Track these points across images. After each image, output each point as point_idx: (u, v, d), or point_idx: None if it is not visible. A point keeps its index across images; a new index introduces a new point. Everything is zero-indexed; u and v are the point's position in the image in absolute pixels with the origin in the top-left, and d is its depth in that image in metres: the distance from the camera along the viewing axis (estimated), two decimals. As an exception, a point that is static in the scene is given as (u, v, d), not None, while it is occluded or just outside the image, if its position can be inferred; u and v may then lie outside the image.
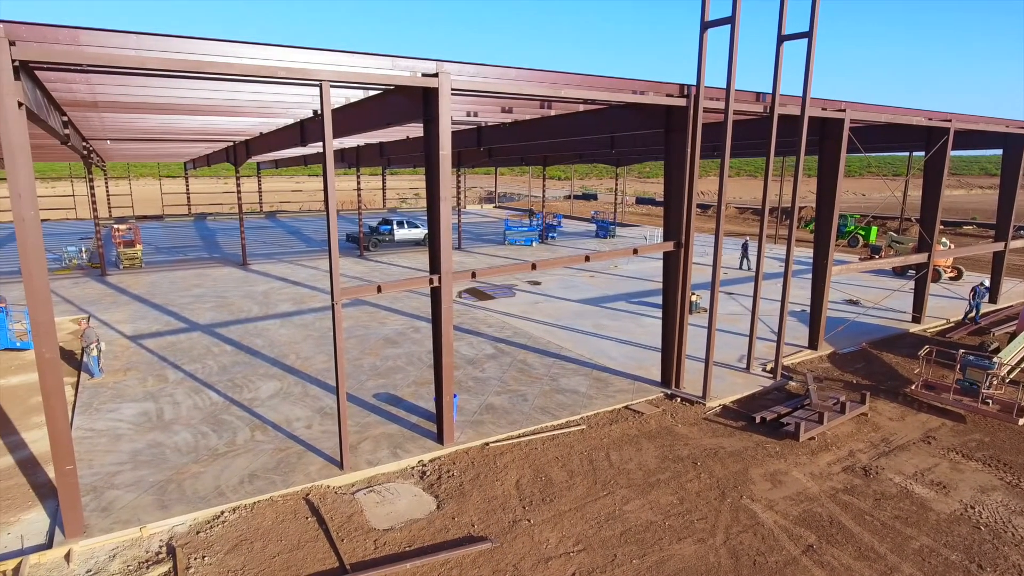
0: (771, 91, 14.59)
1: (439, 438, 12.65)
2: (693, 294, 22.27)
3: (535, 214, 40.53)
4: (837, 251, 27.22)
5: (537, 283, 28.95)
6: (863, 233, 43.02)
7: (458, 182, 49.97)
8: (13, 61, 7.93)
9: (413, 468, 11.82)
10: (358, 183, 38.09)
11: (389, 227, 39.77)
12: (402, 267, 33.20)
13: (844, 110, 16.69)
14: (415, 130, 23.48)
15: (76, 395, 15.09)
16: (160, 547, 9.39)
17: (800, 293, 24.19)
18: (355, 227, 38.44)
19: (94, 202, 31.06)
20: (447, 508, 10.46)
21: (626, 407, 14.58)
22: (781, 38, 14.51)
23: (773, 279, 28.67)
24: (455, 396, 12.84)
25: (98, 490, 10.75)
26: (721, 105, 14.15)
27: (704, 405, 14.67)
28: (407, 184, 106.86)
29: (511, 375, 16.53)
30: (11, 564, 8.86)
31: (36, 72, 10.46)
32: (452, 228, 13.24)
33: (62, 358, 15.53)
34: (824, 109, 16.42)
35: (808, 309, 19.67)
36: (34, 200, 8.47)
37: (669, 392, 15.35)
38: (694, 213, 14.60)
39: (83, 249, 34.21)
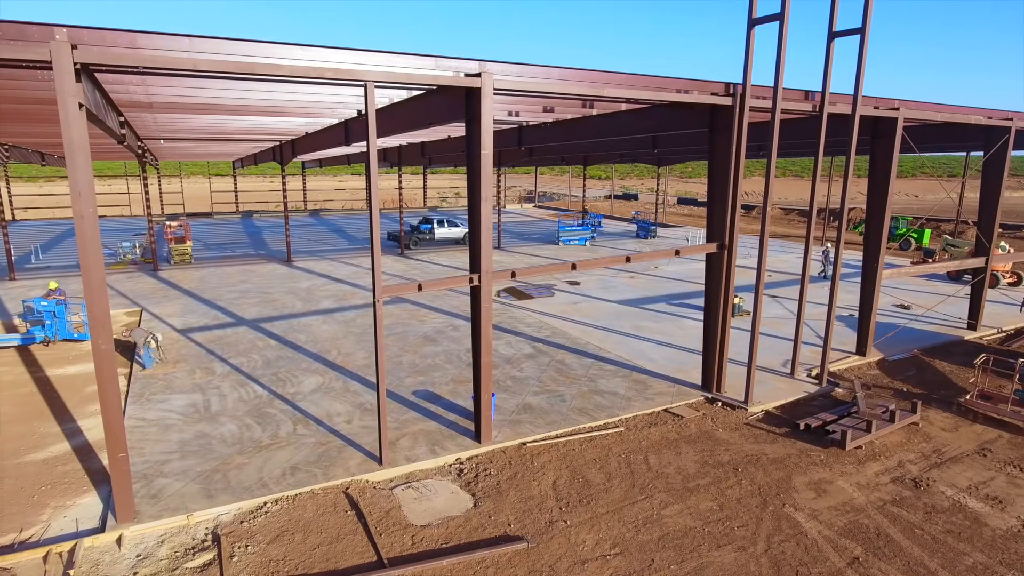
0: (820, 89, 14.21)
1: (477, 436, 12.71)
2: (736, 296, 21.84)
3: (588, 213, 40.30)
4: (888, 254, 26.36)
5: (576, 283, 28.83)
6: (916, 236, 41.52)
7: (498, 181, 50.13)
8: (75, 64, 8.26)
9: (451, 465, 11.90)
10: (399, 182, 38.55)
11: (429, 226, 40.16)
12: (442, 265, 33.46)
13: (897, 108, 16.14)
14: (456, 129, 23.64)
15: (129, 385, 15.66)
16: (206, 535, 9.66)
17: (848, 297, 23.51)
18: (396, 225, 38.97)
19: (147, 199, 32.17)
20: (484, 507, 10.49)
21: (665, 410, 14.40)
22: (832, 34, 14.11)
23: (819, 282, 27.96)
24: (493, 395, 12.88)
25: (148, 478, 11.13)
26: (768, 104, 13.84)
27: (746, 410, 14.38)
28: (447, 183, 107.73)
29: (549, 375, 16.49)
30: (67, 546, 9.25)
31: (96, 74, 10.88)
32: (492, 227, 13.32)
33: (116, 349, 16.13)
34: (876, 108, 15.90)
35: (856, 314, 19.08)
36: (93, 197, 8.80)
37: (710, 396, 15.10)
38: (738, 214, 14.32)
39: (137, 245, 35.45)
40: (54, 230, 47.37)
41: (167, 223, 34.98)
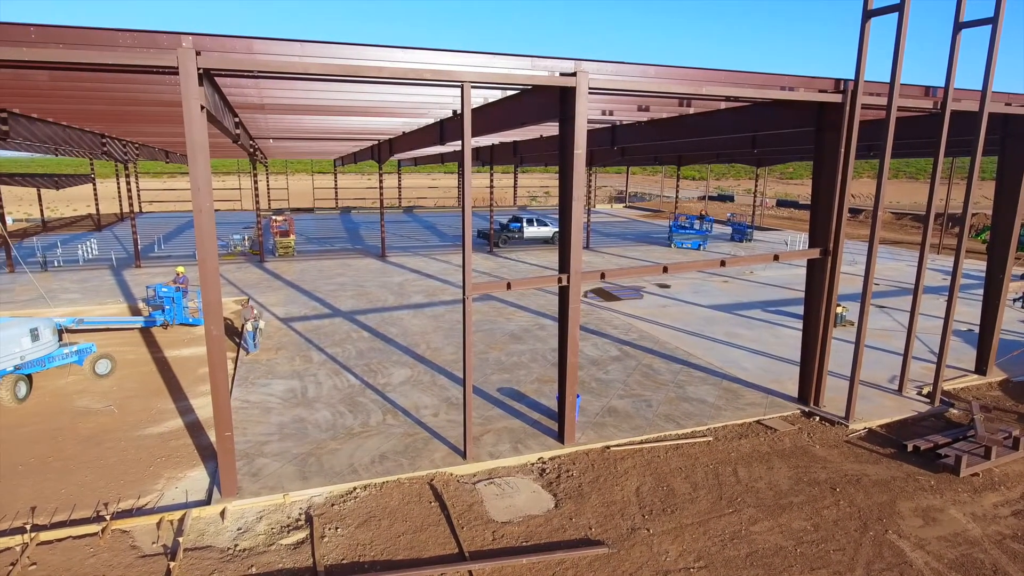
0: (943, 85, 13.15)
1: (560, 437, 12.67)
2: (839, 306, 20.60)
3: (704, 217, 39.03)
4: (1017, 264, 24.08)
5: (666, 286, 28.17)
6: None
7: (589, 181, 49.75)
8: (198, 69, 8.89)
9: (533, 464, 11.93)
10: (491, 180, 39.04)
11: (519, 224, 40.46)
12: (529, 264, 33.61)
13: (1034, 106, 14.68)
14: (549, 129, 23.65)
15: (235, 369, 16.74)
16: (299, 515, 10.17)
17: (966, 311, 21.67)
18: (486, 224, 39.53)
19: (257, 195, 34.23)
20: (565, 508, 10.45)
21: (758, 422, 13.81)
22: (958, 25, 13.03)
23: (933, 294, 25.91)
24: (578, 396, 12.79)
25: (250, 456, 11.85)
26: (882, 101, 12.95)
27: (846, 427, 13.54)
28: (537, 182, 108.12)
29: (635, 379, 16.20)
30: (177, 515, 10.00)
31: (215, 78, 11.67)
32: (582, 227, 13.20)
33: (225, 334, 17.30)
34: (1008, 104, 14.54)
35: (976, 329, 17.54)
36: (210, 193, 9.46)
37: (807, 409, 14.33)
38: (845, 218, 13.50)
39: (246, 237, 37.83)
40: (175, 222, 51.41)
41: (273, 217, 37.11)
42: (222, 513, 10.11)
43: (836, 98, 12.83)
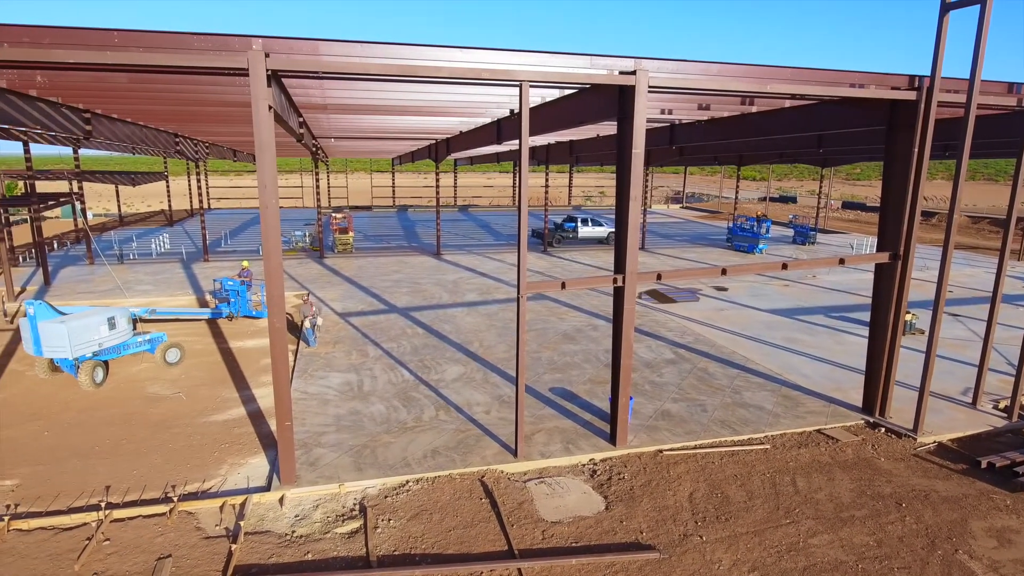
0: (1029, 81, 12.39)
1: (611, 439, 12.56)
2: (908, 313, 19.69)
3: (762, 220, 37.92)
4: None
5: (723, 289, 27.52)
6: None
7: (646, 181, 49.08)
8: (267, 70, 9.21)
9: (584, 465, 11.86)
10: (546, 180, 38.99)
11: (573, 224, 40.29)
12: (583, 264, 33.43)
13: None
14: (605, 128, 23.46)
15: (295, 361, 17.26)
16: (354, 505, 10.41)
17: (1050, 321, 20.36)
18: (541, 223, 39.53)
19: (318, 193, 35.19)
20: (615, 510, 10.35)
21: (818, 431, 13.34)
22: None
23: (1013, 303, 24.48)
24: (631, 398, 12.64)
25: (307, 446, 12.20)
26: (960, 99, 12.31)
27: (914, 439, 12.93)
28: (592, 182, 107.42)
29: (690, 383, 15.90)
30: (239, 500, 10.39)
31: (282, 79, 12.06)
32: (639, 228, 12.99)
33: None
34: (1103, 101, 13.58)
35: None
36: (276, 190, 9.78)
37: (871, 420, 13.76)
38: (917, 221, 12.89)
39: (307, 234, 38.95)
40: (240, 218, 53.38)
41: (333, 215, 38.08)
42: (281, 500, 10.45)
43: (910, 95, 12.26)
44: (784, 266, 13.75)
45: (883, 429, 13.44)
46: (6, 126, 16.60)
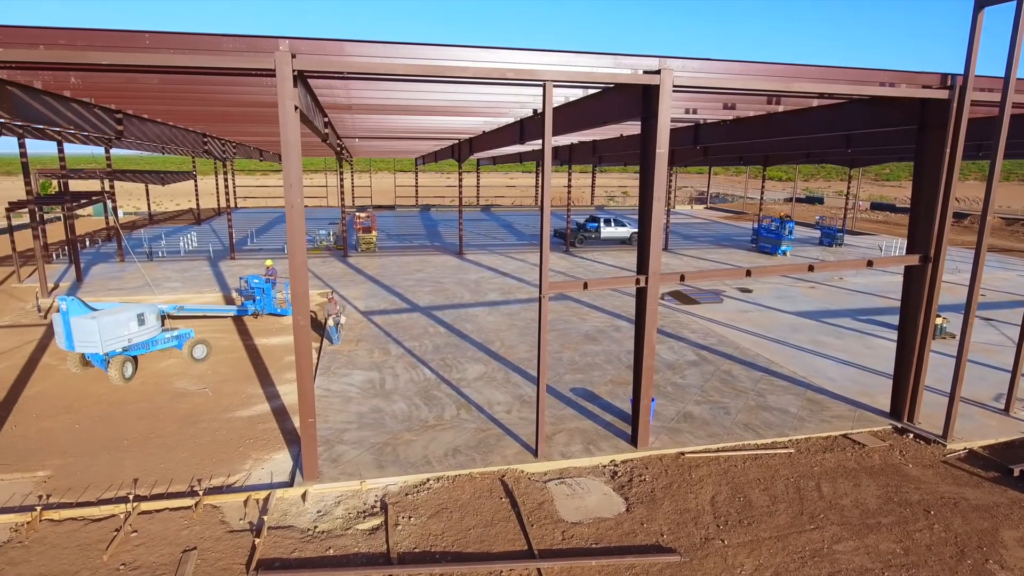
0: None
1: (633, 440, 12.49)
2: (939, 316, 19.28)
3: (786, 221, 37.34)
4: None
5: (748, 291, 27.21)
6: None
7: (670, 181, 48.71)
8: (293, 71, 9.32)
9: (604, 466, 11.81)
10: (569, 180, 38.91)
11: (596, 224, 40.15)
12: (606, 264, 33.29)
13: None
14: (629, 128, 23.32)
15: (319, 358, 17.45)
16: (375, 502, 10.49)
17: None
18: (563, 223, 39.45)
19: (342, 192, 35.53)
20: (636, 512, 10.29)
21: (844, 435, 13.12)
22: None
23: (1049, 306, 23.82)
24: (653, 400, 12.56)
25: (330, 443, 12.33)
26: (994, 97, 12.02)
27: (944, 446, 12.66)
28: (615, 182, 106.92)
29: (713, 385, 15.75)
30: (263, 495, 10.53)
31: (308, 79, 12.19)
32: (662, 228, 12.91)
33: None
34: None
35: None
36: (301, 190, 9.89)
37: (899, 425, 13.50)
38: (948, 223, 12.61)
39: (331, 233, 39.35)
40: (266, 217, 54.11)
41: (357, 214, 38.42)
42: (303, 495, 10.57)
43: (942, 94, 12.00)
44: (810, 268, 13.55)
45: (911, 435, 13.18)
46: (41, 126, 17.03)
